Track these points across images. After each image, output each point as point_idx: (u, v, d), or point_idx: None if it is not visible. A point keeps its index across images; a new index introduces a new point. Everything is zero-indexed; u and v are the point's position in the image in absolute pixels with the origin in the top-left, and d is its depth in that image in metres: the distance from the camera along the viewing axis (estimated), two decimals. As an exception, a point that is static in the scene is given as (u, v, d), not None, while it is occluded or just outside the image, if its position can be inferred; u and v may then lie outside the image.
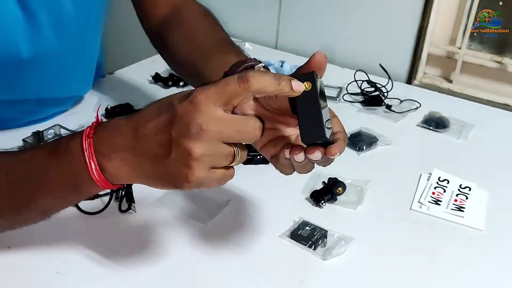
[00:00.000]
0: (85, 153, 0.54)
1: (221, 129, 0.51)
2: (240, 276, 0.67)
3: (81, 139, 0.55)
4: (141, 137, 0.53)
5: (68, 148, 0.56)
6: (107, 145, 0.54)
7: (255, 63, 0.68)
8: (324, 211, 0.80)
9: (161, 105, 0.53)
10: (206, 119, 0.50)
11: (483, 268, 0.72)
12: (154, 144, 0.52)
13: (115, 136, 0.54)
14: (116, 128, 0.55)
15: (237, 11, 1.50)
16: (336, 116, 0.61)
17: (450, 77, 1.33)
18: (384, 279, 0.68)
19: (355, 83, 1.20)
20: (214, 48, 0.79)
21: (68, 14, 0.83)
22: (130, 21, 0.97)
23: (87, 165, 0.54)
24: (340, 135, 0.59)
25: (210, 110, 0.50)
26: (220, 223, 0.75)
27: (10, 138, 0.89)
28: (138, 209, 0.76)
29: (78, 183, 0.56)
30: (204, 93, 0.50)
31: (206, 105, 0.50)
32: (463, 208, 0.82)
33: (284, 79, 0.52)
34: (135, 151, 0.53)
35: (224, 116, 0.51)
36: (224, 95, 0.50)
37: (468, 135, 1.05)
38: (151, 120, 0.52)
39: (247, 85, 0.50)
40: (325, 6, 1.38)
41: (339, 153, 0.56)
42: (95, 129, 0.55)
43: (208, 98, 0.50)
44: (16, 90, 0.87)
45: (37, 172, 0.57)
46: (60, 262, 0.66)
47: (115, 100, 1.07)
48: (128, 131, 0.53)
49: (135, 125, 0.53)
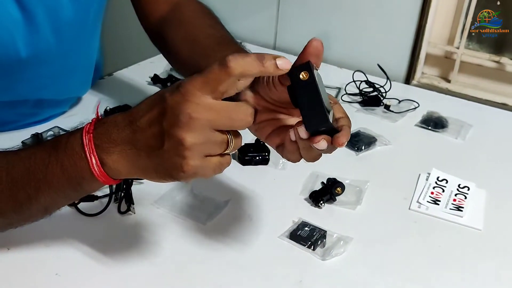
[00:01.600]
0: (86, 148, 0.55)
1: (211, 116, 0.51)
2: (239, 277, 0.67)
3: (81, 135, 0.55)
4: (136, 131, 0.54)
5: (69, 144, 0.56)
6: (106, 140, 0.55)
7: None
8: (323, 212, 0.80)
9: (154, 98, 0.54)
10: (195, 108, 0.50)
11: (482, 268, 0.72)
12: (148, 137, 0.53)
13: (113, 131, 0.55)
14: (114, 123, 0.55)
15: (235, 12, 1.50)
16: (338, 103, 0.61)
17: (448, 77, 1.33)
18: (383, 279, 0.68)
19: (353, 84, 1.20)
20: (215, 46, 0.79)
21: (67, 14, 0.83)
22: (129, 23, 0.97)
23: (87, 160, 0.55)
24: (344, 121, 0.58)
25: (198, 98, 0.50)
26: (219, 224, 0.75)
27: (9, 140, 0.88)
28: (137, 210, 0.76)
29: (79, 179, 0.56)
30: (190, 83, 0.51)
31: (193, 94, 0.50)
32: (462, 207, 0.82)
33: (268, 59, 0.51)
34: (131, 145, 0.54)
35: (214, 103, 0.51)
36: (208, 83, 0.51)
37: (466, 135, 1.05)
38: (145, 113, 0.53)
39: (228, 70, 0.50)
40: (323, 6, 1.38)
41: (347, 141, 0.55)
42: (94, 125, 0.56)
43: (194, 87, 0.51)
44: (15, 91, 0.87)
45: (38, 169, 0.57)
46: (59, 263, 0.66)
47: (114, 101, 1.07)
48: (124, 126, 0.54)
49: (130, 119, 0.54)
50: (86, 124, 0.57)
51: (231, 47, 0.77)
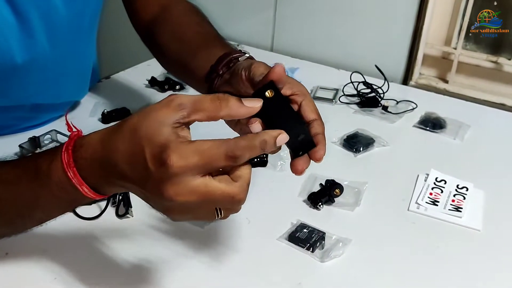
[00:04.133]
0: (73, 181, 0.53)
1: (195, 199, 0.49)
2: (238, 280, 0.67)
3: (62, 168, 0.53)
4: (119, 177, 0.51)
5: (52, 174, 0.54)
6: (93, 175, 0.53)
7: (240, 55, 0.69)
8: (321, 213, 0.80)
9: (135, 149, 0.49)
10: (180, 191, 0.48)
11: (482, 268, 0.72)
12: (133, 188, 0.52)
13: (94, 168, 0.52)
14: (92, 160, 0.52)
15: (232, 14, 1.50)
16: (305, 98, 0.60)
17: (446, 77, 1.33)
18: (383, 281, 0.68)
19: (351, 85, 1.20)
20: (201, 44, 0.80)
21: (61, 18, 0.83)
22: (126, 26, 0.97)
23: (78, 190, 0.53)
24: (317, 126, 0.58)
25: (185, 179, 0.48)
26: (217, 227, 0.75)
27: (7, 144, 0.89)
28: (136, 214, 0.76)
29: (72, 200, 0.56)
30: (185, 159, 0.47)
31: (182, 174, 0.47)
32: (460, 208, 0.82)
33: (267, 140, 0.51)
34: (117, 183, 0.52)
35: (200, 187, 0.48)
36: (205, 168, 0.48)
37: (464, 135, 1.05)
38: (125, 164, 0.50)
39: (235, 161, 0.49)
40: (320, 8, 1.38)
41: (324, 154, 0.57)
42: (73, 154, 0.53)
43: (187, 165, 0.47)
44: (11, 96, 0.86)
45: (26, 194, 0.56)
46: (57, 268, 0.66)
47: (111, 104, 1.07)
48: (106, 166, 0.51)
49: (111, 163, 0.51)
50: (62, 152, 0.53)
51: (217, 44, 0.77)
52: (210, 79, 0.71)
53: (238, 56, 0.69)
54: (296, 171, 0.57)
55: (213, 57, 0.72)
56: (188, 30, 0.85)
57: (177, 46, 0.83)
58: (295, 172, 0.57)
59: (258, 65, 0.62)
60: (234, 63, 0.69)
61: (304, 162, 0.57)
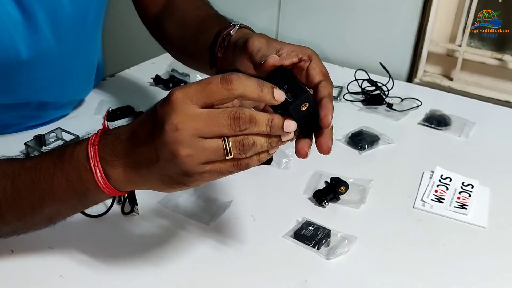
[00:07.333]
0: (91, 160, 0.54)
1: (198, 125, 0.49)
2: (243, 277, 0.67)
3: (86, 147, 0.55)
4: (136, 144, 0.53)
5: (74, 155, 0.56)
6: (111, 153, 0.54)
7: (231, 28, 0.70)
8: (327, 211, 0.80)
9: (150, 110, 0.53)
10: (181, 118, 0.49)
11: (487, 265, 0.71)
12: (146, 151, 0.52)
13: (116, 143, 0.54)
14: (117, 135, 0.55)
15: (236, 12, 1.49)
16: (311, 61, 0.61)
17: (450, 75, 1.33)
18: (388, 278, 0.68)
19: (355, 82, 1.20)
20: (201, 27, 0.81)
21: (67, 15, 0.83)
22: (130, 24, 0.97)
23: (92, 172, 0.54)
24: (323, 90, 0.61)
25: (185, 108, 0.49)
26: (223, 224, 0.75)
27: (12, 142, 0.89)
28: (141, 211, 0.76)
29: (84, 190, 0.56)
30: (183, 90, 0.50)
31: (181, 102, 0.49)
32: (466, 205, 0.82)
33: (267, 87, 0.51)
34: (133, 158, 0.53)
35: (200, 113, 0.50)
36: (204, 93, 0.50)
37: (469, 133, 1.05)
38: (141, 126, 0.53)
39: (229, 87, 0.50)
40: (325, 5, 1.38)
41: None
42: (100, 136, 0.56)
43: (186, 94, 0.49)
44: (17, 93, 0.87)
45: (43, 179, 0.57)
46: (63, 265, 0.66)
47: (116, 102, 1.07)
48: (125, 138, 0.54)
49: (130, 132, 0.54)
50: (92, 135, 0.56)
51: (214, 24, 0.77)
52: (213, 64, 0.73)
53: (229, 31, 0.70)
54: (298, 154, 0.56)
55: (211, 39, 0.73)
56: (188, 16, 0.86)
57: (180, 33, 0.85)
58: (298, 154, 0.56)
59: (252, 41, 0.62)
60: (228, 40, 0.70)
61: (305, 143, 0.56)
